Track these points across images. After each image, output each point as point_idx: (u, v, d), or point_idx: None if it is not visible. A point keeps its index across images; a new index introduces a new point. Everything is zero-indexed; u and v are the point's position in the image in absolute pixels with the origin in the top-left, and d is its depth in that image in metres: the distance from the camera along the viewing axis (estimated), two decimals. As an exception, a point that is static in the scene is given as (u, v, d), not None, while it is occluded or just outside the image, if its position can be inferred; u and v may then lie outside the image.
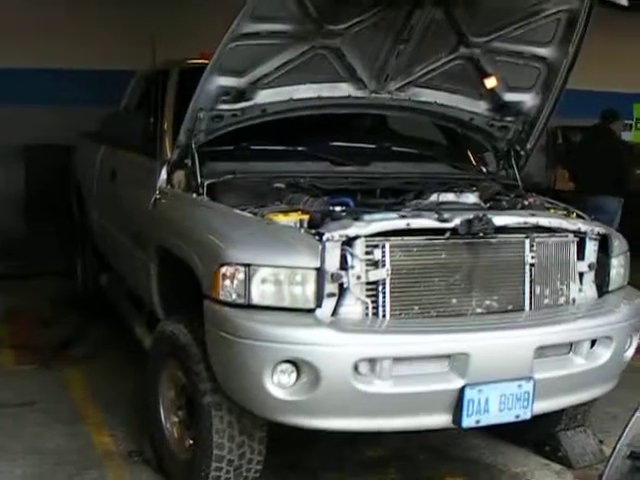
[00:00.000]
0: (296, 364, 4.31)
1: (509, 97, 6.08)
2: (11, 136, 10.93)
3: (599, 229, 5.14)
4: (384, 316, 4.51)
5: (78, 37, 11.22)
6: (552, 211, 5.47)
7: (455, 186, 5.65)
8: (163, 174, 5.67)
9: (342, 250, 4.44)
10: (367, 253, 4.49)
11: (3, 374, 7.00)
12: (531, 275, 4.88)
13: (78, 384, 6.84)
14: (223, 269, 4.46)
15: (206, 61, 5.21)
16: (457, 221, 4.61)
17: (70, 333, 7.87)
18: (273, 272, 4.42)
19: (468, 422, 4.52)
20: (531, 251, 4.87)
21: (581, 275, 5.09)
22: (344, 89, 5.79)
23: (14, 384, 6.70)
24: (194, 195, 5.34)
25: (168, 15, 10.87)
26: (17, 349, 7.61)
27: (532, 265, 4.88)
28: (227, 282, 4.44)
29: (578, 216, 5.40)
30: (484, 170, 6.56)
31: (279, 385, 4.33)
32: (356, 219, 4.55)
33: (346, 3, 5.20)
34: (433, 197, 5.39)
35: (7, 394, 6.45)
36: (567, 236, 5.03)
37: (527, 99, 6.08)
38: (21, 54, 11.02)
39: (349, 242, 4.45)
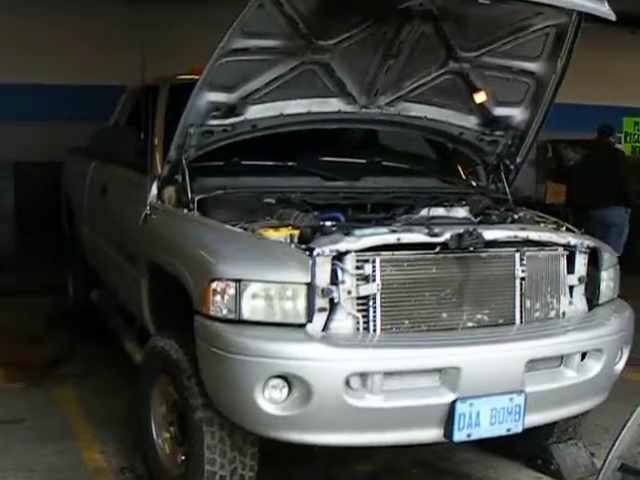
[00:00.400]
0: (287, 379, 4.30)
1: (498, 111, 6.10)
2: (1, 151, 10.93)
3: (589, 242, 5.15)
4: (375, 330, 4.51)
5: (66, 52, 11.23)
6: (542, 225, 5.48)
7: (445, 200, 5.66)
8: (154, 190, 5.66)
9: (333, 265, 4.44)
10: (358, 268, 4.49)
11: (-7, 391, 6.98)
12: (521, 289, 4.88)
13: (69, 401, 6.82)
14: (214, 284, 4.45)
15: (196, 76, 5.22)
16: (447, 235, 4.62)
17: (61, 350, 7.85)
18: (264, 287, 4.42)
19: (459, 436, 4.51)
20: (521, 265, 4.88)
21: (571, 288, 5.10)
22: (334, 104, 5.81)
23: (4, 401, 6.67)
24: (185, 210, 5.33)
25: (157, 31, 10.89)
26: (6, 367, 7.57)
27: (522, 279, 4.88)
28: (218, 297, 4.43)
29: (568, 230, 5.41)
30: (474, 184, 6.57)
31: (270, 400, 4.32)
32: (347, 234, 4.55)
33: (335, 19, 5.22)
34: (423, 212, 5.40)
35: (-3, 411, 6.43)
36: (557, 250, 5.03)
37: (516, 113, 6.11)
38: (10, 69, 11.03)
39: (340, 257, 4.45)
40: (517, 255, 4.87)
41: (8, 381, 7.28)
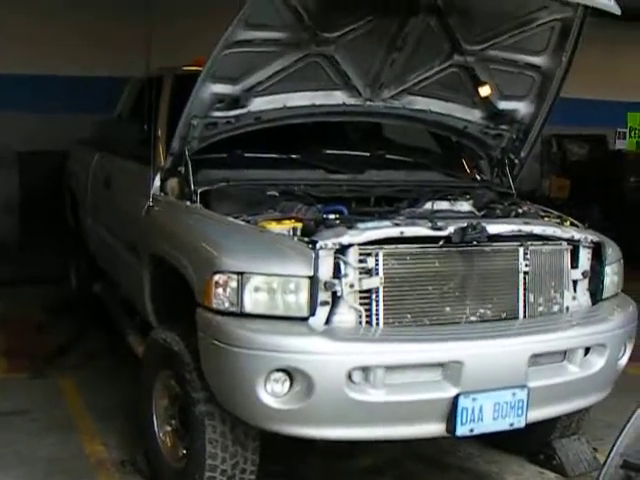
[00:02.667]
0: (289, 373, 4.29)
1: (503, 105, 6.09)
2: (5, 142, 10.91)
3: (592, 237, 5.13)
4: (377, 324, 4.50)
5: (68, 45, 11.22)
6: (546, 219, 5.46)
7: (449, 194, 5.65)
8: (156, 181, 5.65)
9: (335, 258, 4.42)
10: (360, 261, 4.47)
11: (-5, 382, 6.99)
12: (525, 283, 4.87)
13: (71, 392, 6.81)
14: (216, 277, 4.44)
15: (200, 68, 5.21)
16: (451, 229, 4.60)
17: (63, 341, 7.84)
18: (266, 280, 4.40)
19: (462, 431, 4.50)
20: (525, 259, 4.87)
21: (575, 283, 5.09)
22: (338, 97, 5.80)
23: (7, 392, 6.66)
24: (187, 203, 5.32)
25: (159, 22, 10.86)
26: (9, 357, 7.57)
27: (526, 273, 4.87)
28: (220, 290, 4.42)
29: (572, 224, 5.40)
30: (478, 178, 6.56)
31: (272, 394, 4.31)
32: (350, 227, 4.54)
33: (340, 11, 5.20)
34: (427, 205, 5.40)
35: (-1, 402, 6.43)
36: (561, 244, 5.02)
37: (521, 107, 6.09)
38: (11, 60, 11.02)
39: (342, 250, 4.43)
40: (521, 249, 4.86)
41: (11, 371, 7.28)
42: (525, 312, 4.88)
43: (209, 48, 5.03)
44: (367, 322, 4.49)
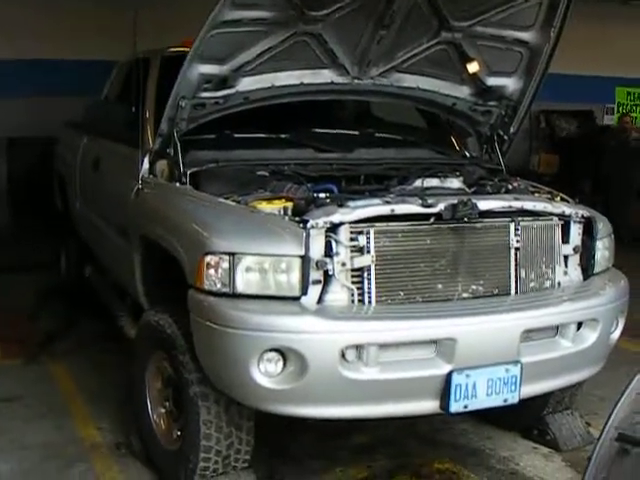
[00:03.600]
0: (282, 352, 4.29)
1: (492, 81, 6.07)
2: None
3: (583, 212, 5.13)
4: (370, 302, 4.49)
5: (56, 27, 11.15)
6: (536, 195, 5.46)
7: (439, 171, 5.63)
8: (145, 163, 5.63)
9: (326, 237, 4.42)
10: (352, 239, 4.47)
11: (-13, 369, 6.97)
12: (516, 259, 4.87)
13: (64, 378, 6.80)
14: (207, 258, 4.43)
15: (187, 49, 5.18)
16: (441, 206, 4.60)
17: (55, 326, 7.83)
18: (258, 260, 4.39)
19: (456, 407, 4.51)
20: (516, 235, 4.86)
21: (566, 258, 5.09)
22: (326, 75, 5.77)
23: (-1, 379, 6.67)
24: (177, 184, 5.31)
25: (146, 4, 10.81)
26: (1, 343, 7.55)
27: (517, 249, 4.87)
28: (211, 271, 4.41)
29: (562, 199, 5.39)
30: (467, 155, 6.55)
31: (266, 374, 4.30)
32: (340, 205, 4.53)
33: (327, -12, 5.18)
34: (417, 182, 5.38)
35: (-8, 389, 6.43)
36: (552, 219, 5.02)
37: (510, 83, 6.08)
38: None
39: (333, 229, 4.43)
40: (512, 225, 4.86)
41: (4, 358, 7.25)
42: (517, 288, 4.88)
43: (196, 29, 5.01)
44: (359, 300, 4.49)
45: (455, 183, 5.53)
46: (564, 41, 5.72)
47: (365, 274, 4.48)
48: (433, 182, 5.46)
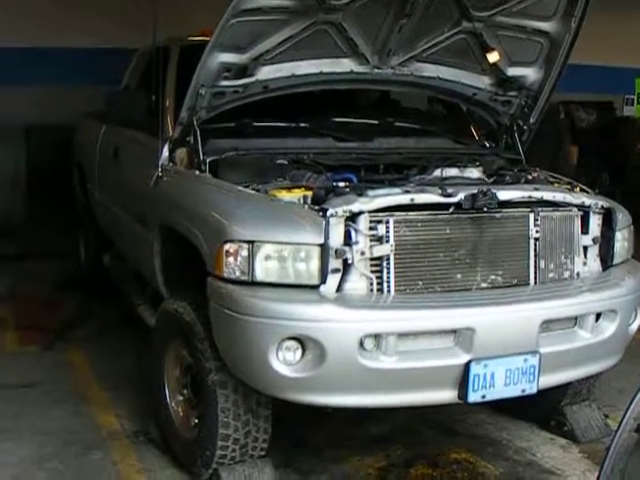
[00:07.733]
0: (301, 341, 4.30)
1: (512, 71, 6.06)
2: (12, 116, 10.88)
3: (603, 203, 5.11)
4: (389, 292, 4.49)
5: (73, 16, 11.14)
6: (556, 185, 5.44)
7: (458, 161, 5.63)
8: (165, 152, 5.65)
9: (346, 226, 4.41)
10: (371, 229, 4.47)
11: (7, 355, 7.01)
12: (536, 249, 4.86)
13: (82, 365, 6.84)
14: (227, 246, 4.44)
15: (207, 38, 5.18)
16: (461, 196, 4.59)
17: (73, 314, 7.87)
18: (277, 249, 4.40)
19: (474, 397, 4.50)
20: (535, 225, 4.85)
21: (585, 249, 5.07)
22: (346, 64, 5.77)
23: (18, 365, 6.70)
24: (197, 172, 5.32)
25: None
26: (20, 330, 7.60)
27: (536, 239, 4.86)
28: (231, 259, 4.42)
29: (582, 190, 5.38)
30: (487, 145, 6.53)
31: (284, 362, 4.31)
32: (360, 195, 4.53)
33: (348, -23, 5.17)
34: (437, 172, 5.39)
35: (11, 375, 6.45)
36: (571, 210, 5.00)
37: (530, 73, 6.07)
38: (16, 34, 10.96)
39: (353, 218, 4.42)
40: (531, 215, 4.84)
41: (23, 345, 7.30)
42: (536, 278, 4.87)
43: (216, 17, 5.01)
44: (378, 289, 4.48)
45: (475, 173, 5.53)
46: (584, 31, 5.69)
47: (384, 263, 4.48)
48: (452, 172, 5.46)
